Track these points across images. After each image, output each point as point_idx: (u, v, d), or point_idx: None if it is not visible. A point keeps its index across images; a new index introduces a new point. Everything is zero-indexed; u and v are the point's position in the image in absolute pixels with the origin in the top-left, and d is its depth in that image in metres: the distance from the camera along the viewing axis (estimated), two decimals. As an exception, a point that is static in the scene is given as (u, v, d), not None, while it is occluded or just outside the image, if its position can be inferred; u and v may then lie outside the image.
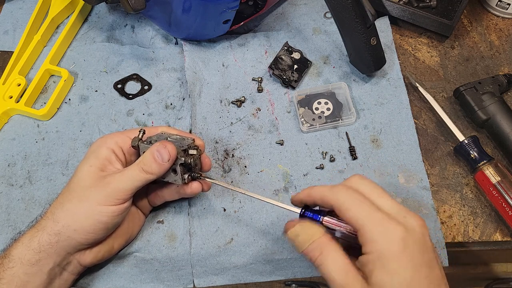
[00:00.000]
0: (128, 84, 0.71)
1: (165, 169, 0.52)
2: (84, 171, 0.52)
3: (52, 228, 0.50)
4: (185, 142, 0.54)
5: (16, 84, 0.69)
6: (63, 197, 0.52)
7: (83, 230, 0.50)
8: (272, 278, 0.58)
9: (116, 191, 0.50)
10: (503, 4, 0.74)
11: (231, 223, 0.59)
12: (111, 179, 0.51)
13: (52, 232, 0.50)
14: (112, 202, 0.50)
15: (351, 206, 0.44)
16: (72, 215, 0.50)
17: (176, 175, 0.53)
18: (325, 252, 0.44)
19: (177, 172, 0.53)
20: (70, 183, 0.53)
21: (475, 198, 0.61)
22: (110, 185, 0.51)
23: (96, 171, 0.52)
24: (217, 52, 0.72)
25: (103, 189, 0.50)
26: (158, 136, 0.55)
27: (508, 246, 0.60)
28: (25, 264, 0.49)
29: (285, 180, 0.62)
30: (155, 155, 0.51)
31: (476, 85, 0.65)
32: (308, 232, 0.46)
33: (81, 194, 0.51)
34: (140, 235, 0.59)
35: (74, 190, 0.51)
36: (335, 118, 0.66)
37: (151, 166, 0.51)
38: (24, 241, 0.50)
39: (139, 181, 0.51)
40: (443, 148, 0.65)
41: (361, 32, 0.62)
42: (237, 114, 0.67)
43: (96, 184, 0.51)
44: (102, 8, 0.79)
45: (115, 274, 0.58)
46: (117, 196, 0.51)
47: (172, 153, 0.51)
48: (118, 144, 0.55)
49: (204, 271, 0.58)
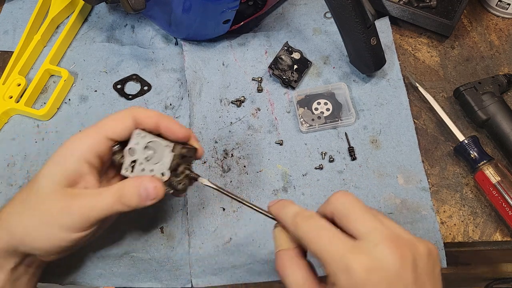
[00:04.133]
0: (128, 85, 0.71)
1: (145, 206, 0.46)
2: (47, 187, 0.45)
3: (8, 241, 0.45)
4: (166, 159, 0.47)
5: (16, 84, 0.69)
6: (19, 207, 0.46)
7: (44, 251, 0.46)
8: (271, 278, 0.58)
9: (81, 219, 0.44)
10: (503, 4, 0.74)
11: (230, 223, 0.59)
12: (76, 204, 0.44)
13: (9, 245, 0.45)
14: (78, 230, 0.45)
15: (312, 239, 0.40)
16: (32, 235, 0.45)
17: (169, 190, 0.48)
18: (287, 265, 0.42)
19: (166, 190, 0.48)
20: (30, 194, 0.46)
21: (475, 198, 0.61)
22: (75, 211, 0.44)
23: (60, 190, 0.45)
24: (217, 51, 0.72)
25: (68, 214, 0.44)
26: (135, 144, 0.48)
27: (508, 246, 0.60)
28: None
29: (284, 180, 0.62)
30: (140, 191, 0.45)
31: (476, 85, 0.65)
32: (279, 239, 0.44)
33: (42, 214, 0.44)
34: (137, 234, 0.59)
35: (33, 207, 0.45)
36: (335, 119, 0.66)
37: (131, 200, 0.45)
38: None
39: (111, 211, 0.45)
40: (443, 148, 0.64)
41: (361, 32, 0.62)
42: (236, 114, 0.67)
43: (60, 205, 0.44)
44: (102, 8, 0.79)
45: (111, 274, 0.58)
46: (85, 224, 0.45)
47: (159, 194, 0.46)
48: (91, 149, 0.46)
49: (203, 271, 0.58)
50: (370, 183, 0.61)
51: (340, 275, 0.37)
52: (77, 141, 0.47)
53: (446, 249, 0.57)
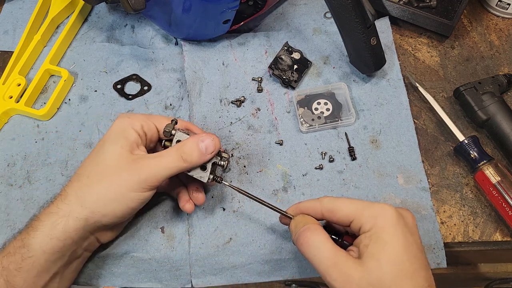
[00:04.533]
0: (128, 85, 0.71)
1: (204, 161, 0.50)
2: (115, 152, 0.50)
3: (80, 213, 0.48)
4: None
5: (16, 84, 0.69)
6: (90, 179, 0.49)
7: (113, 215, 0.49)
8: (270, 278, 0.58)
9: (149, 178, 0.49)
10: (503, 4, 0.74)
11: (230, 223, 0.59)
12: (144, 164, 0.49)
13: (80, 218, 0.48)
14: (145, 189, 0.49)
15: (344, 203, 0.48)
16: (102, 201, 0.48)
17: (204, 171, 0.52)
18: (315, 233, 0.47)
19: (206, 169, 0.51)
20: (97, 164, 0.50)
21: (475, 198, 0.61)
22: (144, 170, 0.49)
23: (127, 154, 0.50)
24: (217, 51, 0.72)
25: (135, 174, 0.48)
26: (187, 130, 0.54)
27: (508, 246, 0.60)
28: (47, 252, 0.47)
29: (284, 180, 0.62)
30: (199, 145, 0.49)
31: (476, 85, 0.65)
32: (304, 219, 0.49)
33: (112, 177, 0.49)
34: (138, 234, 0.59)
35: (103, 173, 0.49)
36: (335, 119, 0.66)
37: (192, 155, 0.49)
38: (44, 230, 0.48)
39: (175, 169, 0.49)
40: (443, 148, 0.64)
41: (361, 32, 0.62)
42: (236, 114, 0.67)
43: (128, 167, 0.49)
44: (102, 8, 0.79)
45: (111, 275, 0.58)
46: (150, 183, 0.49)
47: (217, 146, 0.50)
48: (143, 128, 0.52)
49: (203, 271, 0.58)
50: (370, 183, 0.61)
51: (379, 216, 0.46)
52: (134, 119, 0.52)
53: (446, 249, 0.57)
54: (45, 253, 0.47)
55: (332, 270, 0.44)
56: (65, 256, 0.49)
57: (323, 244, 0.46)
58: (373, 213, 0.46)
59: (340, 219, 0.48)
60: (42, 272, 0.48)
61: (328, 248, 0.45)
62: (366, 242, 0.45)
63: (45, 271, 0.48)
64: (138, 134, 0.52)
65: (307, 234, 0.47)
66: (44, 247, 0.47)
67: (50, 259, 0.48)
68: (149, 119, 0.54)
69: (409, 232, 0.45)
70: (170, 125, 0.53)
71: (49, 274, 0.48)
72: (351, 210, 0.47)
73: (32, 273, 0.47)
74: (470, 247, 0.60)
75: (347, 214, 0.47)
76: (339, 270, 0.44)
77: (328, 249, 0.45)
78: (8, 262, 0.47)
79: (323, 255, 0.45)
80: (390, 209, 0.46)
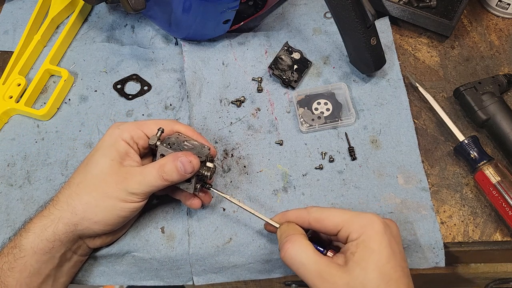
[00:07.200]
0: (128, 85, 0.71)
1: (186, 179, 0.52)
2: (105, 164, 0.52)
3: (70, 219, 0.50)
4: (203, 152, 0.54)
5: (16, 84, 0.69)
6: (80, 188, 0.52)
7: (104, 223, 0.51)
8: (270, 276, 0.58)
9: (136, 192, 0.51)
10: (503, 4, 0.74)
11: (230, 223, 0.59)
12: (131, 179, 0.51)
13: (70, 223, 0.50)
14: (133, 200, 0.51)
15: (332, 213, 0.50)
16: (93, 209, 0.51)
17: (190, 184, 0.53)
18: (296, 244, 0.48)
19: (191, 182, 0.53)
20: (88, 174, 0.52)
21: (475, 198, 0.61)
22: (130, 185, 0.51)
23: (117, 166, 0.52)
24: (217, 51, 0.72)
25: (123, 188, 0.51)
26: (175, 138, 0.55)
27: (508, 246, 0.60)
28: (38, 253, 0.49)
29: (284, 180, 0.62)
30: (178, 166, 0.51)
31: (476, 85, 0.65)
32: (288, 229, 0.51)
33: (102, 189, 0.51)
34: (138, 234, 0.59)
35: (94, 183, 0.51)
36: (335, 119, 0.66)
37: (172, 175, 0.51)
38: (35, 231, 0.50)
39: (156, 187, 0.52)
40: (443, 148, 0.64)
41: (361, 32, 0.62)
42: (236, 114, 0.67)
43: (117, 180, 0.51)
44: (102, 8, 0.79)
45: (114, 272, 0.58)
46: (137, 196, 0.51)
47: (195, 167, 0.52)
48: (133, 139, 0.54)
49: (203, 270, 0.58)
50: (370, 183, 0.61)
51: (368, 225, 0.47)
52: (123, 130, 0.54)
53: (446, 249, 0.57)
54: (35, 253, 0.49)
55: (317, 281, 0.46)
56: (55, 258, 0.51)
57: (306, 255, 0.47)
58: (362, 222, 0.48)
59: (328, 228, 0.49)
60: (33, 273, 0.50)
61: (311, 260, 0.47)
62: (353, 250, 0.47)
63: (36, 272, 0.50)
64: (128, 144, 0.54)
65: (289, 245, 0.48)
66: (35, 247, 0.49)
67: (41, 260, 0.50)
68: (139, 127, 0.55)
69: (394, 241, 0.48)
70: (155, 137, 0.54)
71: (41, 276, 0.50)
72: (340, 220, 0.48)
73: (24, 274, 0.49)
74: (470, 247, 0.60)
75: (336, 223, 0.49)
76: (323, 280, 0.46)
77: (312, 261, 0.47)
78: (2, 262, 0.49)
79: (307, 267, 0.47)
80: (378, 219, 0.48)
